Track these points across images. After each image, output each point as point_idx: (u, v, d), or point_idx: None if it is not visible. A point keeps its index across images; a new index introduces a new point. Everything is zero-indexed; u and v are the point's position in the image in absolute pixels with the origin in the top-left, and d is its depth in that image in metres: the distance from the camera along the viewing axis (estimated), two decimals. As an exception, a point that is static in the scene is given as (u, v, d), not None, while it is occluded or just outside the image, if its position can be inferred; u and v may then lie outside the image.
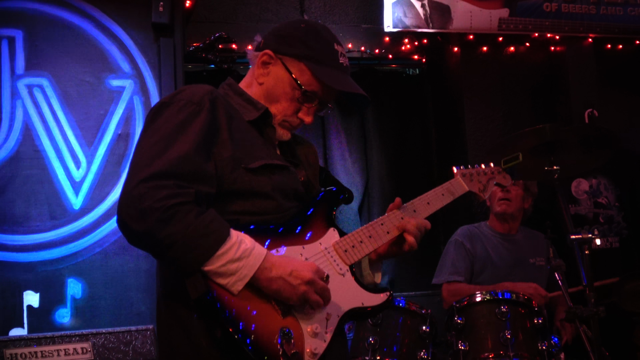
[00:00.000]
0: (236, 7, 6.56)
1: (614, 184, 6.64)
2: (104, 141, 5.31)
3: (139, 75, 5.45)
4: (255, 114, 2.55)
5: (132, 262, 5.22)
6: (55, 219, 5.17)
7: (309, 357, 2.27)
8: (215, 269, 2.17)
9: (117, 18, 5.46)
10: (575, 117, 6.58)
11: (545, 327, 4.09)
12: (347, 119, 6.88)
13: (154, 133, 2.30)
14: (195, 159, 2.25)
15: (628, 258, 6.52)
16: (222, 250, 2.17)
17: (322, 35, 2.63)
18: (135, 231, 2.15)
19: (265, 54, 2.60)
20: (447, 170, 6.70)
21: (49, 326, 4.98)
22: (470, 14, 6.50)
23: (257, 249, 2.25)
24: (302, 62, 2.56)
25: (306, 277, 2.26)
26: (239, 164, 2.38)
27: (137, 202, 2.12)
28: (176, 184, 2.17)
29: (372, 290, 2.56)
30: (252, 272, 2.21)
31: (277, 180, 2.46)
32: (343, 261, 2.52)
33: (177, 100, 2.38)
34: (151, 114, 2.41)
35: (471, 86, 6.72)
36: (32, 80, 5.26)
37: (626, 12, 6.85)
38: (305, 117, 2.63)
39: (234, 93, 2.62)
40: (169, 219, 2.11)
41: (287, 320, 2.27)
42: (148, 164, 2.19)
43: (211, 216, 2.20)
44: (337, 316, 2.41)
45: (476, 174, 3.20)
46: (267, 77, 2.61)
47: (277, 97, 2.59)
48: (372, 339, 4.02)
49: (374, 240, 2.63)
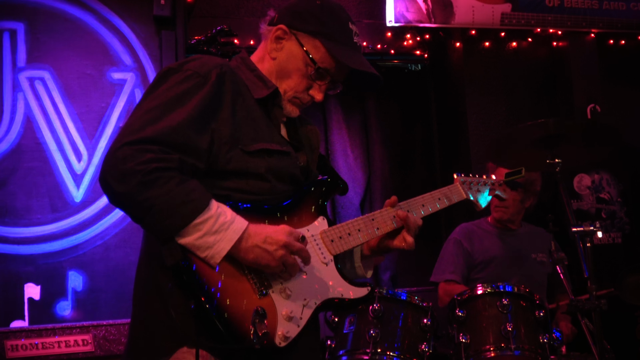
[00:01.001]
0: (238, 2, 6.55)
1: (617, 179, 6.62)
2: (105, 134, 5.32)
3: (141, 68, 5.45)
4: (264, 92, 2.53)
5: (133, 254, 5.23)
6: (57, 211, 5.18)
7: (280, 339, 2.26)
8: (192, 241, 2.17)
9: (118, 11, 5.47)
10: (578, 112, 6.57)
11: (547, 320, 4.07)
12: (350, 114, 6.87)
13: (153, 98, 2.29)
14: (187, 131, 2.24)
15: (630, 254, 6.50)
16: (199, 219, 2.16)
17: (338, 13, 2.62)
18: (115, 192, 2.14)
19: (280, 29, 2.57)
20: (449, 165, 6.74)
21: (50, 318, 4.99)
22: (472, 9, 6.49)
23: (237, 222, 2.24)
24: (316, 39, 2.55)
25: (281, 240, 2.26)
26: (237, 144, 2.37)
27: (120, 163, 2.12)
28: (161, 149, 2.16)
29: (353, 283, 2.55)
30: (229, 245, 2.21)
31: (274, 163, 2.44)
32: (328, 250, 2.51)
33: (184, 69, 2.37)
34: (157, 77, 2.39)
35: (473, 81, 6.70)
36: (33, 73, 5.28)
37: (629, 7, 6.83)
38: (317, 94, 2.61)
39: (246, 67, 2.60)
40: (150, 183, 2.11)
41: (263, 301, 2.26)
42: (139, 128, 2.19)
43: (193, 185, 2.19)
44: (315, 303, 2.40)
45: (476, 183, 3.19)
46: (280, 52, 2.59)
47: (289, 72, 2.57)
48: (373, 332, 4.00)
49: (363, 235, 2.62)
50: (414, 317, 4.13)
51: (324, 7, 2.61)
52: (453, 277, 4.92)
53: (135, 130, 2.18)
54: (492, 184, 3.25)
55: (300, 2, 2.67)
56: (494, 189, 3.25)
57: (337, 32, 2.58)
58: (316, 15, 2.57)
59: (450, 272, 4.95)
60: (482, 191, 3.19)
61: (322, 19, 2.57)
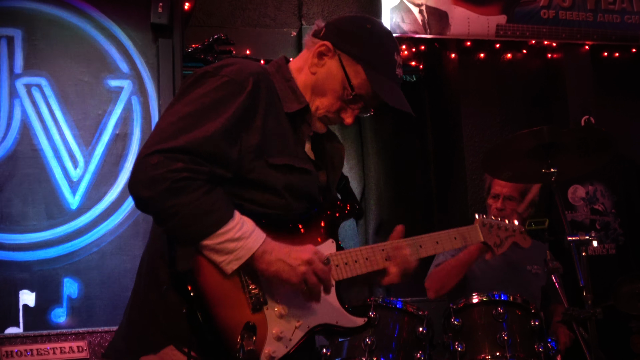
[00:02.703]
0: (234, 12, 6.57)
1: (611, 190, 6.64)
2: (102, 141, 5.31)
3: (138, 75, 5.45)
4: (295, 107, 2.50)
5: (128, 262, 5.21)
6: (52, 218, 5.17)
7: (265, 357, 2.25)
8: (213, 244, 2.18)
9: (116, 18, 5.47)
10: (573, 124, 6.59)
11: (542, 329, 4.08)
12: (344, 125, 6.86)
13: (188, 103, 2.27)
14: (220, 142, 2.23)
15: (625, 265, 6.51)
16: (223, 229, 2.17)
17: (385, 42, 2.58)
18: (142, 196, 2.16)
19: (324, 45, 2.54)
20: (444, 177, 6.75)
21: (45, 325, 4.96)
22: (467, 20, 6.52)
23: (257, 232, 2.25)
24: (359, 64, 2.50)
25: (305, 257, 2.26)
26: (262, 155, 2.35)
27: (151, 169, 2.12)
28: (192, 159, 2.16)
29: (351, 312, 2.52)
30: (249, 254, 2.21)
31: (293, 180, 2.43)
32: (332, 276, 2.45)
33: (221, 73, 2.33)
34: (192, 79, 2.36)
35: (468, 92, 6.72)
36: (30, 80, 5.27)
37: (623, 20, 6.88)
38: (347, 117, 2.59)
39: (281, 77, 2.56)
40: (178, 191, 2.12)
41: (255, 317, 2.25)
42: (171, 136, 2.18)
43: (218, 195, 2.20)
44: (308, 327, 2.38)
45: (497, 227, 3.14)
46: (320, 69, 2.54)
47: (325, 91, 2.54)
48: (368, 340, 4.00)
49: (369, 264, 2.58)
50: (409, 326, 4.13)
51: (373, 33, 2.57)
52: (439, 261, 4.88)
53: (167, 137, 2.18)
54: (513, 230, 3.19)
55: (351, 21, 2.64)
56: (514, 235, 3.20)
57: (381, 63, 2.54)
58: (364, 40, 2.53)
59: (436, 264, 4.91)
60: (502, 236, 3.14)
61: (368, 46, 2.53)
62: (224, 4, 6.56)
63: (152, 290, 2.34)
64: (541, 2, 6.69)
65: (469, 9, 6.53)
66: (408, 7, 6.44)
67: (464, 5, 6.53)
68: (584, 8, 6.78)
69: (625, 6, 6.91)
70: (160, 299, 2.28)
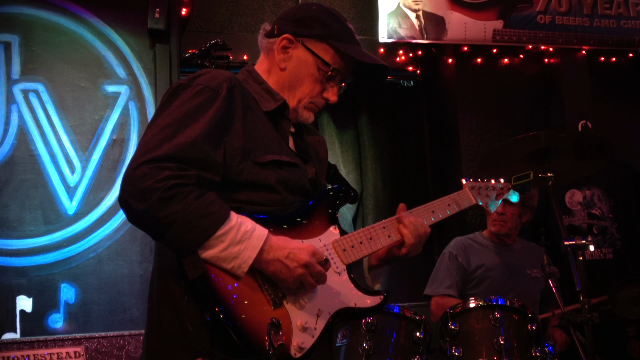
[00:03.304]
0: (232, 17, 6.58)
1: (608, 195, 6.65)
2: (99, 146, 5.31)
3: (135, 81, 5.45)
4: (272, 105, 2.55)
5: (125, 267, 5.20)
6: (50, 223, 5.16)
7: (295, 350, 2.27)
8: (217, 253, 2.19)
9: (113, 24, 5.47)
10: (570, 128, 6.59)
11: (539, 333, 4.08)
12: (342, 130, 6.88)
13: (167, 115, 2.30)
14: (203, 146, 2.25)
15: (622, 269, 6.52)
16: (221, 231, 2.18)
17: (335, 15, 2.65)
18: (135, 210, 2.16)
19: (285, 39, 2.59)
20: (442, 181, 6.76)
21: (42, 331, 4.94)
22: (464, 25, 6.53)
23: (258, 229, 2.26)
24: (324, 42, 2.58)
25: (303, 259, 2.28)
26: (248, 156, 2.38)
27: (139, 182, 2.13)
28: (179, 166, 2.18)
29: (367, 292, 2.55)
30: (254, 254, 2.23)
31: (284, 175, 2.45)
32: (341, 260, 2.51)
33: (195, 83, 2.38)
34: (168, 93, 2.40)
35: (465, 98, 6.73)
36: (27, 85, 5.26)
37: (619, 25, 6.89)
38: (331, 96, 2.63)
39: (254, 81, 2.61)
40: (170, 199, 2.12)
41: (277, 312, 2.27)
42: (155, 146, 2.20)
43: (211, 198, 2.21)
44: (329, 313, 2.40)
45: (485, 188, 3.14)
46: (289, 62, 2.60)
47: (301, 80, 2.59)
48: (366, 345, 4.00)
49: (374, 243, 2.61)
50: (406, 330, 4.14)
51: (322, 10, 2.64)
52: (449, 292, 4.92)
53: (152, 148, 2.19)
54: (502, 188, 3.22)
55: (298, 9, 2.70)
56: (503, 193, 3.22)
57: (341, 32, 2.61)
58: (318, 19, 2.60)
59: (446, 287, 4.95)
60: (491, 196, 3.16)
61: (325, 22, 2.60)
62: (221, 10, 6.57)
63: (166, 310, 2.34)
64: (538, 7, 6.70)
65: (466, 14, 6.54)
66: (405, 12, 6.45)
67: (460, 11, 6.54)
68: (581, 13, 6.80)
69: (621, 11, 6.92)
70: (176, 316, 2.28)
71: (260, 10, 6.66)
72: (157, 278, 2.44)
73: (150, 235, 2.26)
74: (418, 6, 6.48)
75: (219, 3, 6.57)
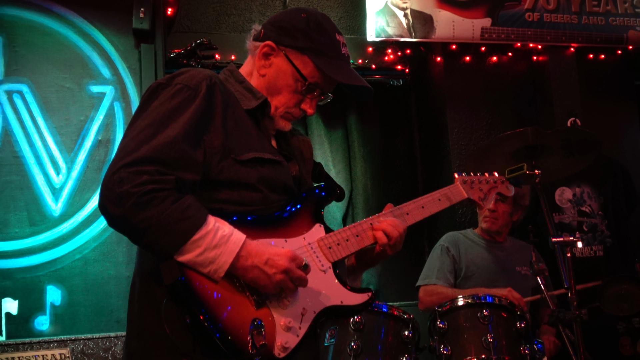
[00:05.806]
0: (219, 17, 6.56)
1: (597, 192, 6.64)
2: (84, 147, 5.28)
3: (120, 81, 5.43)
4: (253, 103, 2.53)
5: (112, 269, 5.18)
6: (35, 225, 5.13)
7: (279, 350, 2.24)
8: (193, 258, 2.16)
9: (97, 24, 5.45)
10: (558, 126, 6.59)
11: (528, 331, 4.07)
12: (331, 129, 6.87)
13: (145, 117, 2.29)
14: (182, 146, 2.23)
15: (612, 266, 6.50)
16: (197, 235, 2.16)
17: (324, 26, 2.60)
18: (112, 215, 2.15)
19: (267, 46, 2.56)
20: (431, 180, 6.74)
21: (28, 333, 4.92)
22: (452, 24, 6.51)
23: (235, 234, 2.23)
24: (304, 55, 2.53)
25: (282, 265, 2.25)
26: (229, 154, 2.36)
27: (117, 186, 2.12)
28: (157, 170, 2.16)
29: (354, 289, 2.52)
30: (231, 259, 2.20)
31: (266, 173, 2.43)
32: (326, 258, 2.48)
33: (174, 83, 2.36)
34: (147, 93, 2.39)
35: (454, 96, 6.72)
36: (11, 86, 5.24)
37: (608, 22, 6.88)
38: (308, 108, 2.60)
39: (235, 80, 2.60)
40: (145, 204, 2.11)
41: (260, 312, 2.25)
42: (134, 149, 2.19)
43: (188, 202, 2.18)
44: (314, 312, 2.38)
45: (477, 181, 3.10)
46: (268, 69, 2.57)
47: (279, 89, 2.56)
48: (354, 344, 3.98)
49: (361, 240, 2.59)
50: (395, 329, 4.12)
51: (310, 20, 2.59)
52: (439, 283, 4.92)
53: (131, 151, 2.18)
54: (495, 181, 3.17)
55: (286, 16, 2.65)
56: (496, 186, 3.17)
57: (325, 46, 2.56)
58: (303, 30, 2.55)
59: (436, 278, 4.94)
60: (484, 190, 3.12)
61: (309, 34, 2.55)
62: (208, 10, 6.56)
63: (148, 313, 2.30)
64: (526, 5, 6.70)
65: (454, 12, 6.52)
66: (393, 10, 6.44)
67: (448, 9, 6.52)
68: (569, 11, 6.79)
69: (609, 8, 6.92)
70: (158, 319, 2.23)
71: (247, 10, 6.65)
72: (138, 281, 2.41)
73: (130, 239, 2.23)
74: (406, 4, 6.46)
75: (206, 3, 6.57)
